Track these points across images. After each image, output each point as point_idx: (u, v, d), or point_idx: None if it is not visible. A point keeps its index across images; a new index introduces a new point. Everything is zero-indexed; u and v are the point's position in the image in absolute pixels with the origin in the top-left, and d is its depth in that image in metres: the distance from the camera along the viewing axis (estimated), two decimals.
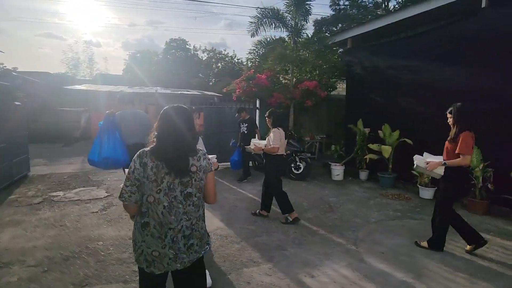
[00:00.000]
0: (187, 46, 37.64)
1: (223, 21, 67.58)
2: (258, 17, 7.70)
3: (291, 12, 7.19)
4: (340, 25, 21.89)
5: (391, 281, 2.52)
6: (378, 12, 26.22)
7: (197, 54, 38.13)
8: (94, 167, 3.76)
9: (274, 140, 3.78)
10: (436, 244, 3.07)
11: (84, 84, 21.36)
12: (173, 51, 37.07)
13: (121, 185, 1.50)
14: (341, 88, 9.80)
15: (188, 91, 19.75)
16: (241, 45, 75.61)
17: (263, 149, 3.94)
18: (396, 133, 5.50)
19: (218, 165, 2.40)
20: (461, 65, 4.72)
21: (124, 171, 3.27)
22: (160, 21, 63.75)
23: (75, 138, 13.94)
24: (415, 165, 3.27)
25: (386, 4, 27.11)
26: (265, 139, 4.09)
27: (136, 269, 2.63)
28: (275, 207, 4.12)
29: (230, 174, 6.42)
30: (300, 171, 6.31)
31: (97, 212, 4.17)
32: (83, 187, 5.53)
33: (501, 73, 4.21)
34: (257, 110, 8.37)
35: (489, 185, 4.13)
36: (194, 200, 1.52)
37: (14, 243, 3.15)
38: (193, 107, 3.34)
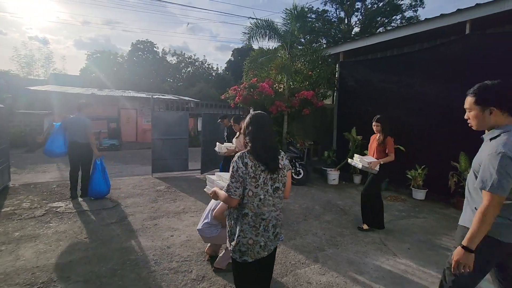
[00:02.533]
0: (155, 49, 36.60)
1: (184, 25, 66.51)
2: (252, 27, 7.94)
3: (287, 25, 7.54)
4: (307, 37, 23.16)
5: (430, 273, 2.87)
6: (341, 27, 28.30)
7: (166, 57, 37.29)
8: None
9: (239, 143, 4.20)
10: (378, 223, 3.95)
11: (37, 84, 19.61)
12: (140, 53, 35.73)
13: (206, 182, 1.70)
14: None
15: (163, 95, 19.22)
16: (204, 50, 75.03)
17: (234, 151, 4.33)
18: None
19: None
20: (445, 82, 5.43)
21: None
22: (117, 21, 60.62)
23: (38, 143, 12.74)
24: (353, 161, 4.14)
25: (348, 19, 29.36)
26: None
27: (194, 276, 2.65)
28: (291, 212, 4.31)
29: None
30: (301, 176, 6.61)
31: (116, 222, 3.98)
32: (81, 197, 5.17)
33: None
34: None
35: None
36: (280, 194, 1.77)
37: (44, 259, 2.91)
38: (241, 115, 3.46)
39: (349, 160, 4.24)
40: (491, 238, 1.56)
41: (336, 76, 7.82)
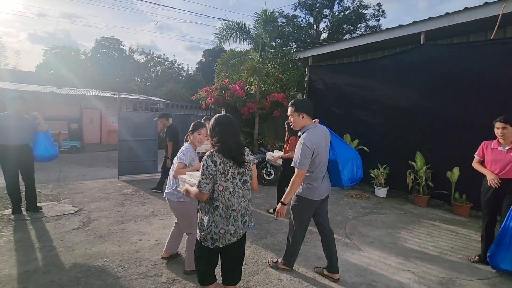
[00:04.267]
0: (121, 47, 34.97)
1: (152, 23, 64.45)
2: (223, 28, 7.97)
3: (258, 28, 7.67)
4: (278, 40, 23.68)
5: (390, 264, 3.09)
6: (310, 32, 29.29)
7: (133, 56, 35.78)
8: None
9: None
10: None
11: None
12: (105, 50, 33.92)
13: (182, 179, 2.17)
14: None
15: (130, 95, 18.42)
16: (173, 50, 73.27)
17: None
18: (356, 142, 6.42)
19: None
20: (402, 87, 5.88)
21: None
22: (78, 15, 57.12)
23: None
24: (266, 158, 4.89)
25: (317, 25, 30.47)
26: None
27: (164, 280, 2.60)
28: (265, 212, 4.40)
29: None
30: (271, 177, 6.73)
31: (78, 228, 3.76)
32: (39, 202, 4.80)
33: (439, 95, 5.41)
34: None
35: (430, 183, 5.24)
36: (248, 186, 1.99)
37: None
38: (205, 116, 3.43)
39: (266, 157, 4.97)
40: (304, 197, 2.59)
41: (306, 79, 8.09)
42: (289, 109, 2.60)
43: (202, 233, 1.89)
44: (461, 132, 5.04)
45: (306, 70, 8.19)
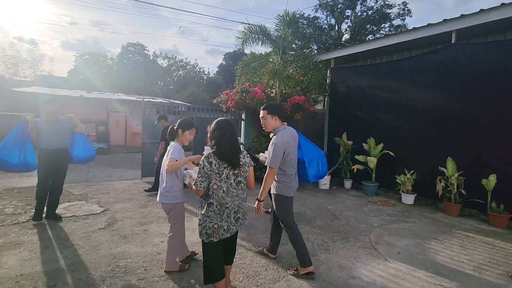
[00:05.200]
0: (146, 52, 36.28)
1: (174, 28, 66.54)
2: (245, 32, 7.99)
3: (279, 30, 7.62)
4: (298, 42, 23.49)
5: (420, 277, 2.91)
6: (331, 34, 28.82)
7: (157, 60, 36.99)
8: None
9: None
10: None
11: (23, 85, 19.10)
12: (130, 55, 35.33)
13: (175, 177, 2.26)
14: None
15: (154, 98, 19.03)
16: (194, 54, 75.04)
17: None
18: (380, 146, 6.18)
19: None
20: (431, 89, 5.59)
21: None
22: (106, 23, 60.04)
23: None
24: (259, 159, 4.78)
25: (339, 26, 29.94)
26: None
27: (185, 284, 2.61)
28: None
29: None
30: None
31: (104, 228, 3.88)
32: (68, 201, 5.04)
33: (471, 97, 5.09)
34: (242, 121, 8.56)
35: (462, 191, 4.92)
36: (242, 186, 2.18)
37: (29, 267, 2.80)
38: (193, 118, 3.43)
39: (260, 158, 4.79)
40: (283, 196, 2.82)
41: (327, 81, 7.93)
42: (262, 112, 2.82)
43: (199, 227, 2.12)
44: (498, 137, 4.70)
45: (328, 72, 8.04)
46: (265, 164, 2.70)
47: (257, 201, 2.73)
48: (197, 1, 71.63)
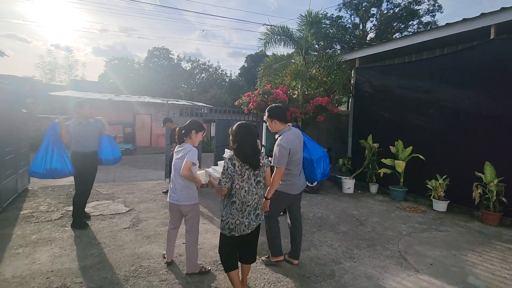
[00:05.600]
0: (170, 56, 37.42)
1: (197, 31, 68.12)
2: (267, 33, 7.95)
3: (302, 31, 7.50)
4: (321, 43, 23.03)
5: None
6: (356, 33, 28.01)
7: (181, 64, 38.02)
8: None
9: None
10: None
11: (59, 90, 20.38)
12: (156, 59, 36.60)
13: (198, 178, 2.67)
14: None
15: (177, 100, 19.53)
16: (216, 56, 76.32)
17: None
18: (409, 149, 5.86)
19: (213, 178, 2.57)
20: (467, 88, 5.21)
21: None
22: (133, 28, 62.90)
23: None
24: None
25: (363, 25, 29.06)
26: None
27: (206, 287, 2.58)
28: (304, 221, 4.18)
29: None
30: (314, 184, 6.46)
31: (129, 228, 3.98)
32: (97, 200, 5.25)
33: (510, 97, 4.69)
34: (264, 123, 8.51)
35: (503, 199, 4.52)
36: (261, 185, 2.37)
37: (58, 263, 2.92)
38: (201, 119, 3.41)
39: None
40: (283, 192, 2.89)
41: (352, 82, 7.68)
42: (265, 115, 2.97)
43: (221, 223, 2.31)
44: None
45: (352, 72, 7.79)
46: (271, 165, 2.70)
47: (264, 199, 2.70)
48: (219, 3, 72.80)
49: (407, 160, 5.90)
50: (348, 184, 6.62)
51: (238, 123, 2.39)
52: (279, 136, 2.86)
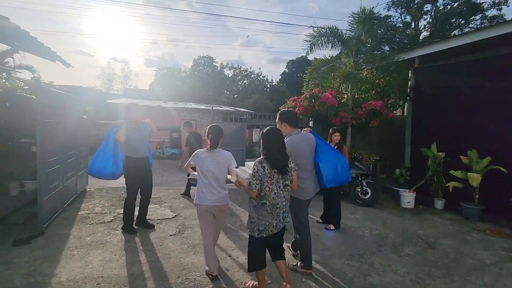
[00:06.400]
0: (214, 63, 38.85)
1: (239, 39, 70.15)
2: (314, 35, 7.59)
3: (354, 30, 7.01)
4: (368, 44, 21.78)
5: None
6: (407, 32, 25.99)
7: (224, 71, 39.24)
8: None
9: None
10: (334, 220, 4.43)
11: (115, 98, 22.27)
12: (201, 68, 38.29)
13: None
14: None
15: (220, 106, 20.00)
16: (257, 63, 77.50)
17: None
18: (486, 160, 4.99)
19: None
20: None
21: None
22: (180, 39, 67.12)
23: None
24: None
25: (416, 24, 26.90)
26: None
27: None
28: (360, 238, 3.69)
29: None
30: (368, 196, 5.87)
31: (175, 235, 3.92)
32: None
33: None
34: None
35: None
36: (288, 188, 2.44)
37: (109, 269, 2.92)
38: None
39: None
40: (294, 197, 2.81)
41: (410, 84, 6.92)
42: (276, 118, 3.01)
43: (251, 225, 2.40)
44: None
45: (410, 73, 7.03)
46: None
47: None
48: (261, 8, 74.06)
49: (484, 172, 5.03)
50: (408, 197, 5.89)
51: (267, 128, 2.48)
52: (286, 139, 2.85)
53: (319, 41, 7.49)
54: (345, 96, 7.28)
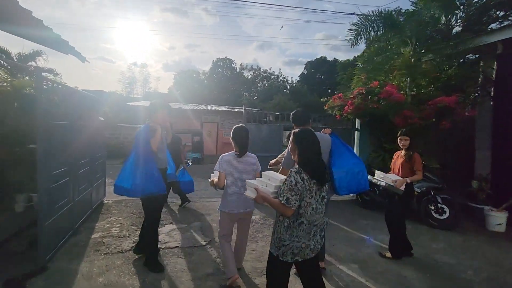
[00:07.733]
0: (233, 65, 38.27)
1: (254, 43, 70.15)
2: (360, 22, 6.46)
3: (416, 12, 5.84)
4: (429, 28, 20.14)
5: None
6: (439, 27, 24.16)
7: (243, 73, 38.55)
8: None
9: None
10: (395, 249, 3.46)
11: (135, 101, 21.97)
12: (219, 70, 37.81)
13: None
14: None
15: (241, 108, 19.13)
16: (272, 66, 77.09)
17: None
18: None
19: None
20: None
21: None
22: (195, 44, 67.96)
23: None
24: (375, 178, 3.60)
25: (448, 18, 24.96)
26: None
27: None
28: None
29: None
30: (445, 216, 4.65)
31: (213, 274, 2.92)
32: (171, 223, 4.44)
33: None
34: (356, 131, 6.95)
35: None
36: (325, 201, 2.00)
37: None
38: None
39: (369, 177, 3.40)
40: None
41: (490, 75, 5.62)
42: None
43: (282, 248, 1.88)
44: None
45: (485, 62, 5.74)
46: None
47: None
48: (276, 14, 73.60)
49: None
50: (497, 218, 4.62)
51: (299, 129, 2.07)
52: None
53: (367, 29, 6.37)
54: (402, 92, 6.09)
